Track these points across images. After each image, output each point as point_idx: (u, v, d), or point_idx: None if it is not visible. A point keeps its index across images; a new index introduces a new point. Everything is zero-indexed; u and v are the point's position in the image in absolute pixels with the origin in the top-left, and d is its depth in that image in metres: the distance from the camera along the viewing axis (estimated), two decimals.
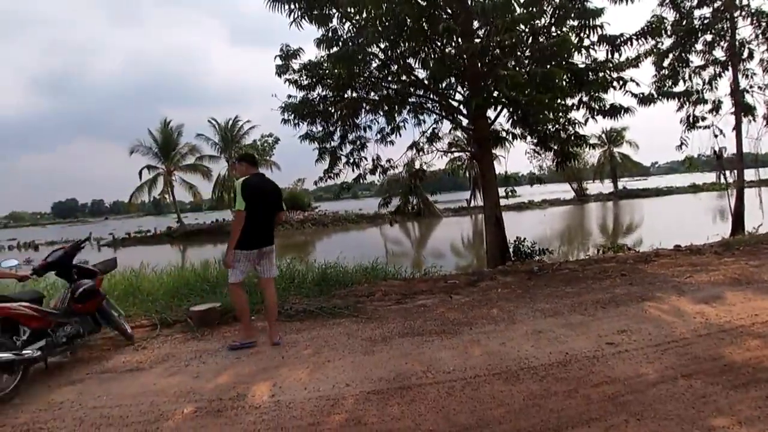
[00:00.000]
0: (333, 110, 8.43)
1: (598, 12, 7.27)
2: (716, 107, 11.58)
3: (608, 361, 3.37)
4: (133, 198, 38.04)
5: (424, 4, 6.81)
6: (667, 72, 11.31)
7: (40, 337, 3.82)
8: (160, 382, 3.57)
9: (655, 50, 10.97)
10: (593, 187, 45.83)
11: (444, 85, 8.42)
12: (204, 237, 30.69)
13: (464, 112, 8.95)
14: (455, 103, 8.79)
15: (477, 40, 7.25)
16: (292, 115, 8.30)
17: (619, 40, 7.38)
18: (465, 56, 6.77)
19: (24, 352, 3.62)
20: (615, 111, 8.10)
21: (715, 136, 11.70)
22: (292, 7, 7.05)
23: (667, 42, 11.13)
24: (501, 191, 8.99)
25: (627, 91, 8.01)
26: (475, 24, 7.54)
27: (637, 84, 8.05)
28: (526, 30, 7.11)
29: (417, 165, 10.14)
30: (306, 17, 7.15)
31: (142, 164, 35.82)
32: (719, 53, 11.43)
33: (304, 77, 8.44)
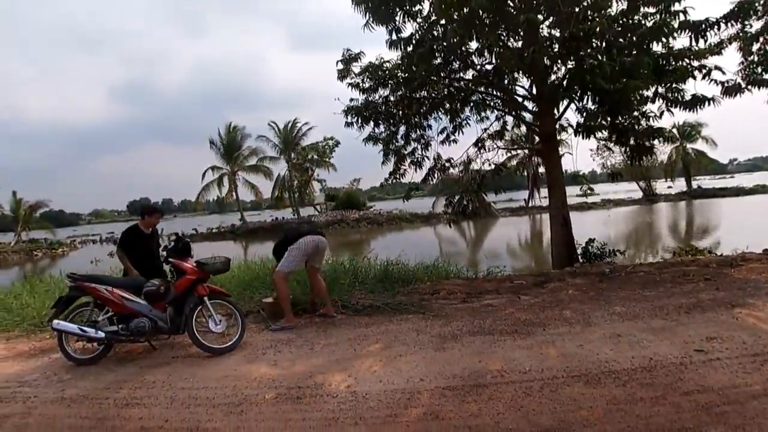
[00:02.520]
0: (395, 110, 8.50)
1: None
2: None
3: (698, 368, 3.15)
4: (200, 197, 40.38)
5: None
6: (756, 58, 10.30)
7: (121, 321, 4.20)
8: (241, 369, 3.78)
9: (741, 34, 10.04)
10: (663, 186, 42.69)
11: (508, 80, 8.23)
12: (265, 234, 32.00)
13: (529, 107, 8.70)
14: (519, 99, 8.57)
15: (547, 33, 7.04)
16: (356, 118, 8.45)
17: (704, 25, 6.83)
18: (545, 48, 6.59)
19: (86, 330, 4.09)
20: (696, 102, 7.52)
21: None
22: (366, 7, 7.18)
23: (756, 25, 10.15)
24: (576, 189, 8.66)
25: (712, 80, 7.42)
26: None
27: (723, 72, 7.43)
28: (603, 18, 6.77)
29: (478, 164, 9.97)
30: (372, 17, 7.26)
31: (210, 164, 38.08)
32: None
33: (366, 80, 8.58)
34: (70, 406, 3.35)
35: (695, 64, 7.51)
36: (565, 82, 7.49)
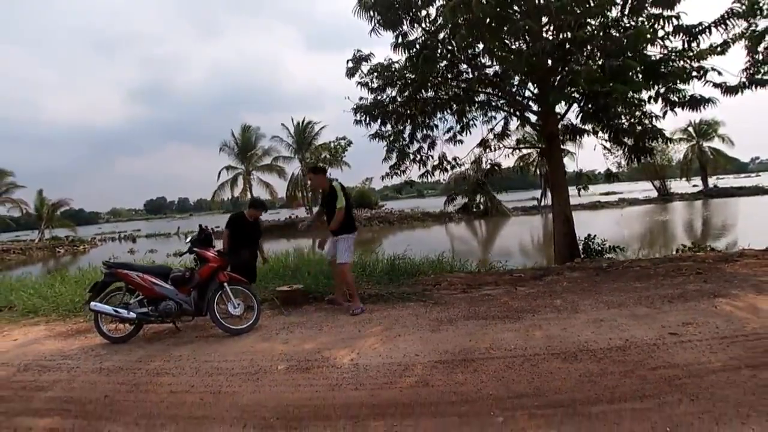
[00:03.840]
0: (403, 110, 8.85)
1: (674, 0, 6.99)
2: None
3: (669, 349, 3.46)
4: (216, 196, 41.27)
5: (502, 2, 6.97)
6: (762, 57, 10.36)
7: (151, 304, 4.67)
8: (257, 346, 4.21)
9: (748, 33, 10.12)
10: (679, 186, 42.26)
11: (513, 82, 8.53)
12: (279, 232, 32.59)
13: (533, 108, 8.98)
14: (524, 100, 8.86)
15: (549, 37, 7.33)
16: (365, 116, 8.83)
17: (696, 29, 7.06)
18: (541, 52, 6.89)
19: (120, 311, 4.58)
20: (696, 102, 7.73)
21: None
22: (372, 14, 7.57)
23: (762, 23, 10.21)
24: (572, 188, 8.91)
25: (708, 81, 7.62)
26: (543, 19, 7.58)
27: (719, 73, 7.62)
28: (597, 24, 7.04)
29: (484, 162, 10.30)
30: (379, 23, 7.64)
31: (224, 165, 38.97)
32: None
33: (375, 80, 8.96)
34: (108, 375, 3.80)
35: (694, 65, 7.70)
36: (557, 84, 7.79)
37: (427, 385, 3.11)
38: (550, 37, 7.33)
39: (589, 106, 7.67)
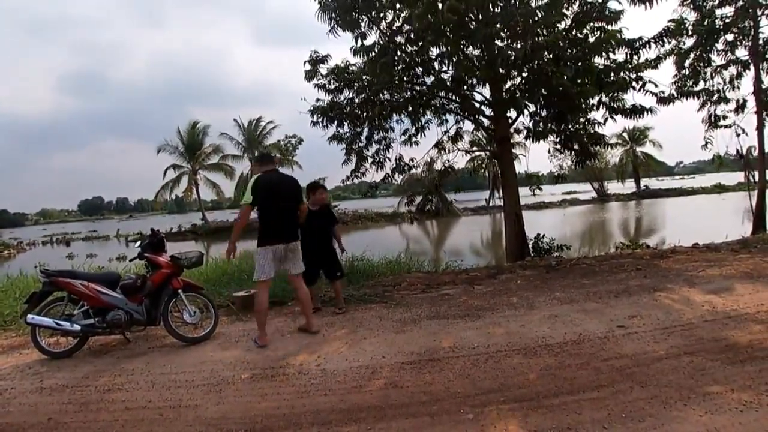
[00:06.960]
0: (360, 112, 8.86)
1: (617, 15, 7.50)
2: (741, 106, 11.59)
3: (618, 340, 3.71)
4: (158, 196, 39.20)
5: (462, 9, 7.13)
6: (687, 72, 11.38)
7: (97, 314, 4.36)
8: (216, 355, 4.06)
9: (675, 50, 11.06)
10: (615, 187, 45.45)
11: (466, 86, 8.77)
12: (228, 234, 31.47)
13: (486, 112, 9.28)
14: (477, 104, 9.13)
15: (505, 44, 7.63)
16: (322, 118, 8.76)
17: (637, 43, 7.61)
18: (504, 60, 7.13)
19: (62, 323, 4.25)
20: (635, 111, 8.32)
21: (737, 135, 11.72)
22: (331, 15, 7.51)
23: (688, 42, 11.21)
24: (525, 189, 9.31)
25: (647, 91, 8.22)
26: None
27: (656, 85, 8.25)
28: (548, 33, 7.38)
29: (439, 164, 10.53)
30: (338, 24, 7.60)
31: (167, 163, 37.08)
32: (742, 52, 11.45)
33: (332, 82, 8.91)
34: (51, 394, 3.51)
35: (633, 76, 8.29)
36: (523, 88, 8.09)
37: (396, 386, 3.13)
38: (506, 44, 7.61)
39: (548, 111, 8.03)
